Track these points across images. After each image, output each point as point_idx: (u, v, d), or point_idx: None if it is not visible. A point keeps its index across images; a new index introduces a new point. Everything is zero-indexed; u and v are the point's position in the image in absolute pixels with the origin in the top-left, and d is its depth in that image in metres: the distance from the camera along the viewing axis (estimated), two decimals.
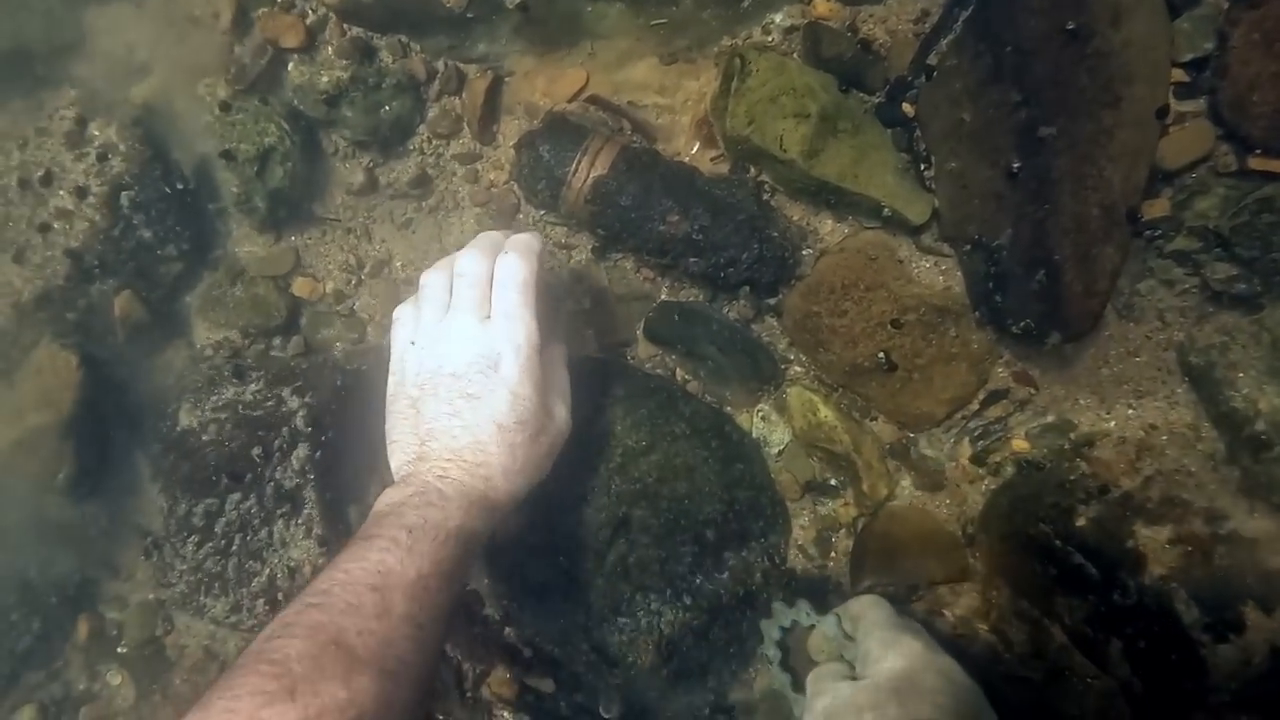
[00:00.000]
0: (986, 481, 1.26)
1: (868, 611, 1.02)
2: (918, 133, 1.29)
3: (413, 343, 1.00)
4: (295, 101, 1.29)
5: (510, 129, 1.37)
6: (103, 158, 1.17)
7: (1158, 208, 1.22)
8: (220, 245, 1.34)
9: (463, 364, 0.95)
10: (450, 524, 0.84)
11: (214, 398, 1.24)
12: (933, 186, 1.27)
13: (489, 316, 1.00)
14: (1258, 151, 1.19)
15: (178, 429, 1.22)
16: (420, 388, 0.97)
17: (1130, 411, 1.23)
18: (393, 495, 0.89)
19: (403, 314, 1.06)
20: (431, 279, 1.05)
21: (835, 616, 1.07)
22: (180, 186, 1.24)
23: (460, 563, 0.84)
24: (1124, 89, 1.19)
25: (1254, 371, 1.17)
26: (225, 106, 1.22)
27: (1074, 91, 1.18)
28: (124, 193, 1.19)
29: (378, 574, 0.75)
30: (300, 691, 0.62)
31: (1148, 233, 1.21)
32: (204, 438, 1.21)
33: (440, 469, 0.90)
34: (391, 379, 1.03)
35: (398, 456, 0.96)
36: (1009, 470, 1.26)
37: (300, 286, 1.32)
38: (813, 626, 1.07)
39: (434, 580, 0.78)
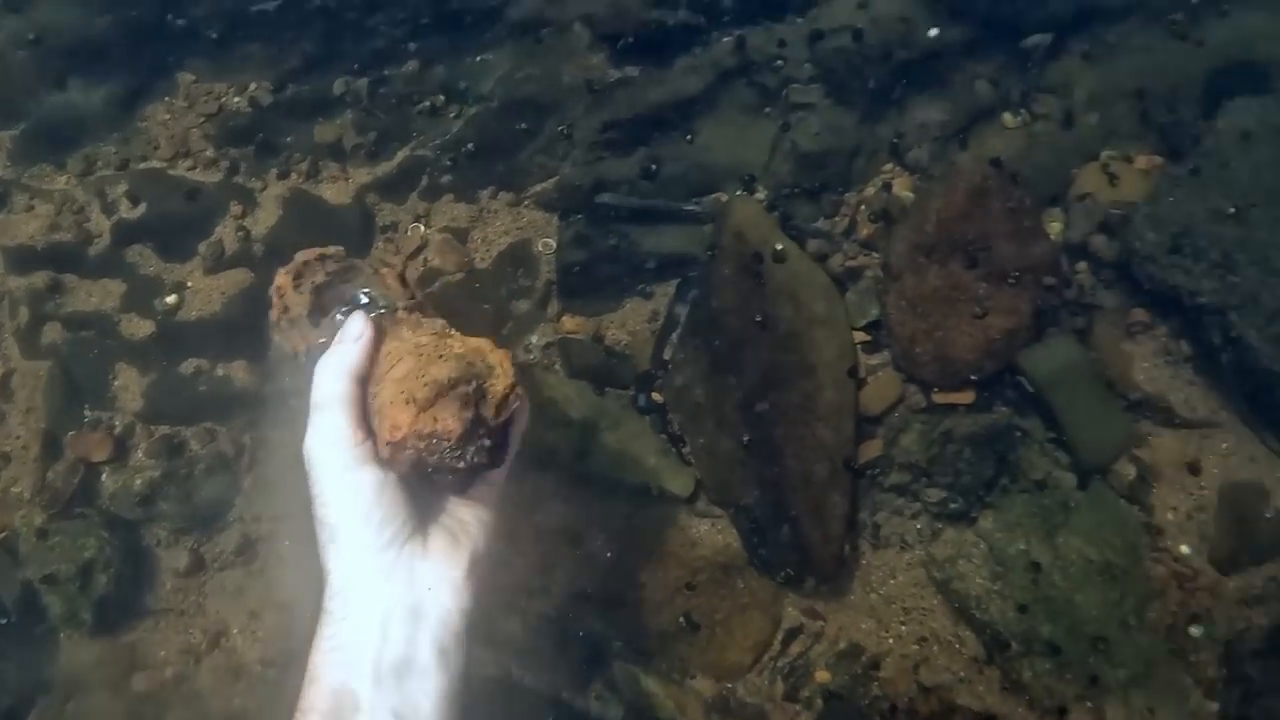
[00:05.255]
0: (803, 717, 1.55)
1: None
2: (670, 416, 1.68)
3: None
4: (112, 509, 1.58)
5: None
6: None
7: (873, 448, 1.61)
8: (51, 664, 1.55)
9: None
10: None
11: None
12: (691, 460, 1.64)
13: None
14: (936, 390, 1.64)
15: None
16: None
17: (904, 628, 1.56)
18: None
19: None
20: None
21: None
22: (3, 621, 1.47)
23: None
24: (817, 359, 1.61)
25: (980, 578, 1.54)
26: (42, 533, 1.49)
27: (773, 369, 1.59)
28: None
29: None
30: None
31: (869, 473, 1.60)
32: None
33: None
34: None
35: None
36: (819, 703, 1.55)
37: (140, 681, 1.53)
38: None
39: None
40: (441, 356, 0.80)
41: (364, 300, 0.89)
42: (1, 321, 1.68)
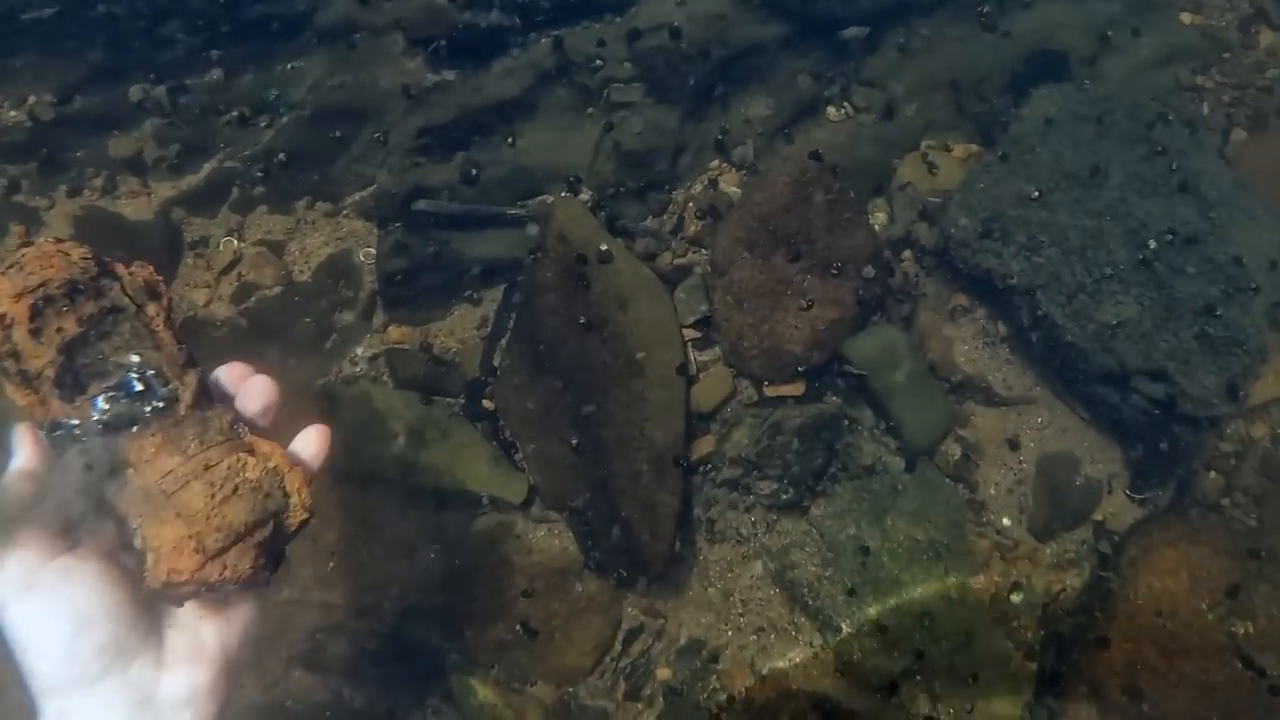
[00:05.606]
0: (645, 716, 1.56)
1: None
2: (501, 422, 1.66)
3: None
4: None
5: None
6: None
7: (706, 444, 1.63)
8: None
9: None
10: None
11: None
12: (524, 466, 1.63)
13: None
14: (767, 383, 1.67)
15: None
16: None
17: (742, 619, 1.58)
18: None
19: None
20: None
21: None
22: None
23: None
24: (644, 359, 1.62)
25: (812, 566, 1.58)
26: None
27: (601, 371, 1.59)
28: None
29: None
30: None
31: (702, 469, 1.62)
32: None
33: None
34: None
35: None
36: (660, 700, 1.56)
37: None
38: None
39: None
40: (236, 490, 0.73)
41: (137, 388, 0.75)
42: None
